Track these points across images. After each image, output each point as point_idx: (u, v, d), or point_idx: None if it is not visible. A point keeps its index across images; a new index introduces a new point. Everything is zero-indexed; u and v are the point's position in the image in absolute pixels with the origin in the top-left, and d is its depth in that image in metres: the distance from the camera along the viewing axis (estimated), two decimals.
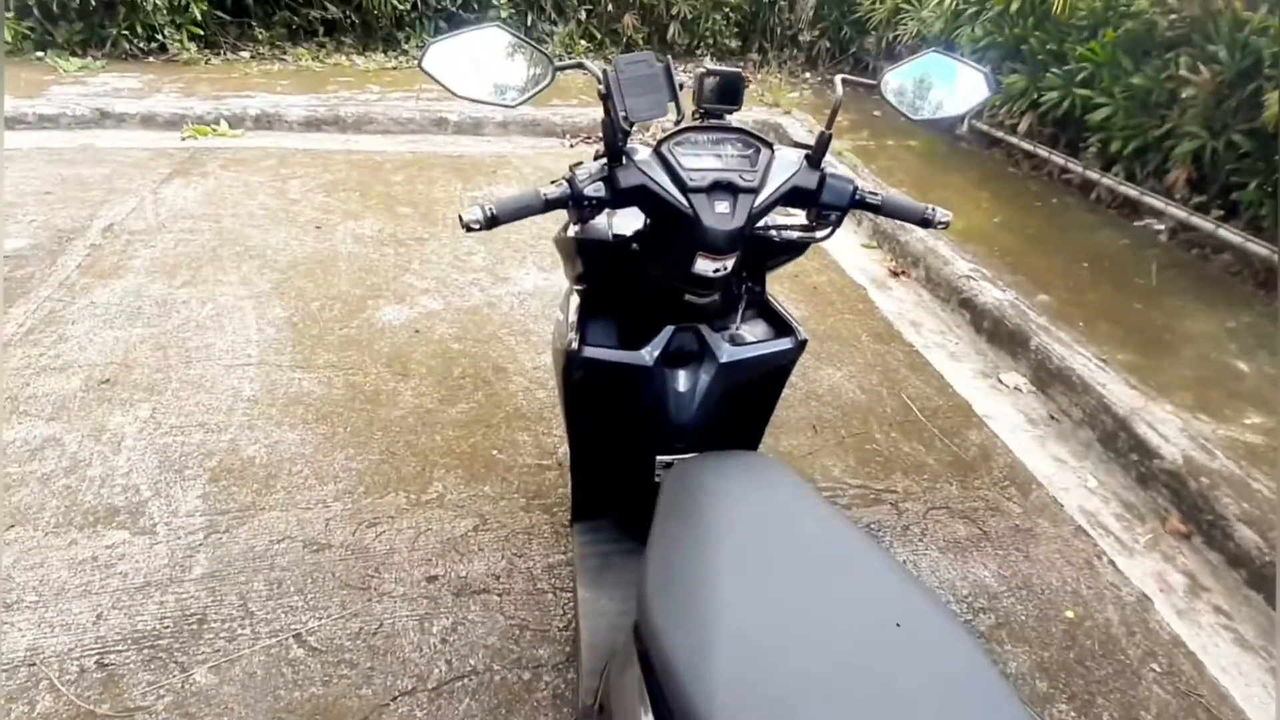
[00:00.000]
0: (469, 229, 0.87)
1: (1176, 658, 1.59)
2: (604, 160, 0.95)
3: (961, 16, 4.72)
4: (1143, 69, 3.66)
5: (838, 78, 0.98)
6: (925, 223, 1.03)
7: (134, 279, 2.55)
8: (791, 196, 0.98)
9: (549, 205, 0.93)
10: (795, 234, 1.06)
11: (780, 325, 1.16)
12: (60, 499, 1.65)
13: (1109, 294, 2.95)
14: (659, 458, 1.18)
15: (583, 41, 5.86)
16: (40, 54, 4.67)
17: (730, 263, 0.96)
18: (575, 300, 1.15)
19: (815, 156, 0.99)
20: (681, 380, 1.13)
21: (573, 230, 1.08)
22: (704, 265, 0.95)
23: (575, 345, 1.05)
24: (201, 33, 4.98)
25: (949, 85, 1.02)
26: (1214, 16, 3.32)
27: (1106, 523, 2.01)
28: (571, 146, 4.44)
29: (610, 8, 5.85)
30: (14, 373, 2.03)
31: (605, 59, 5.90)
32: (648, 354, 1.08)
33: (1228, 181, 3.37)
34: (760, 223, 0.99)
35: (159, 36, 4.85)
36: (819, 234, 1.05)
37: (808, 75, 6.27)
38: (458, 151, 4.10)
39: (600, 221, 1.08)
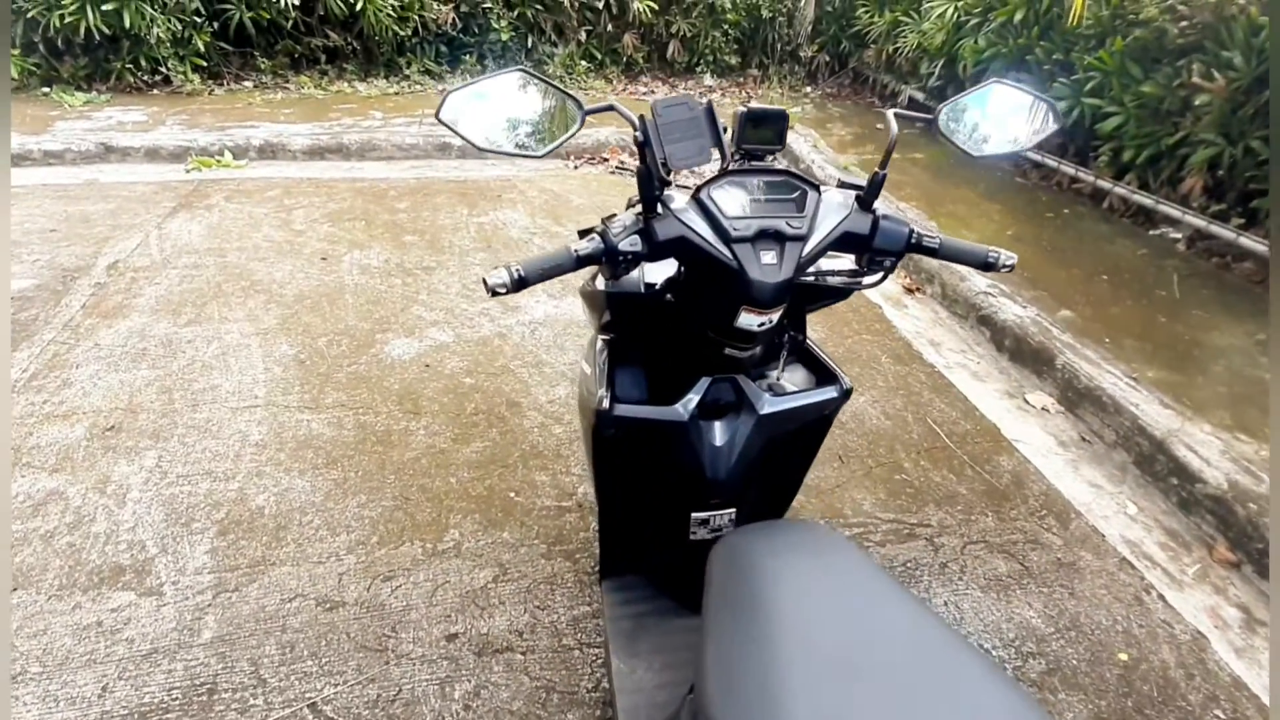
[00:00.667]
0: (494, 293, 0.80)
1: (1240, 702, 1.50)
2: (638, 210, 0.88)
3: (964, 28, 4.70)
4: (1153, 77, 3.62)
5: (890, 112, 0.92)
6: (988, 266, 0.96)
7: (139, 318, 2.50)
8: (842, 242, 0.92)
9: (581, 262, 0.86)
10: (844, 280, 0.99)
11: (822, 372, 1.09)
12: (63, 558, 1.58)
13: (1132, 307, 2.88)
14: (694, 514, 1.11)
15: (583, 62, 5.86)
16: (46, 89, 4.68)
17: (776, 315, 0.90)
18: (602, 351, 1.08)
19: (867, 198, 0.93)
20: (718, 433, 1.06)
21: (602, 283, 1.02)
22: (748, 319, 0.88)
23: (606, 404, 0.98)
24: (205, 64, 4.98)
25: (1012, 118, 0.95)
26: (1227, 23, 3.28)
27: (1151, 553, 1.93)
28: (576, 169, 4.41)
29: (610, 28, 5.85)
30: (17, 421, 1.98)
31: (606, 79, 5.89)
32: (683, 408, 1.02)
33: (1246, 189, 3.31)
34: (807, 270, 0.93)
35: (163, 69, 4.86)
36: (869, 279, 0.98)
37: (808, 90, 6.26)
38: (462, 176, 4.07)
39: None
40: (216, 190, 3.63)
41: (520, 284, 0.81)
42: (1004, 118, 0.95)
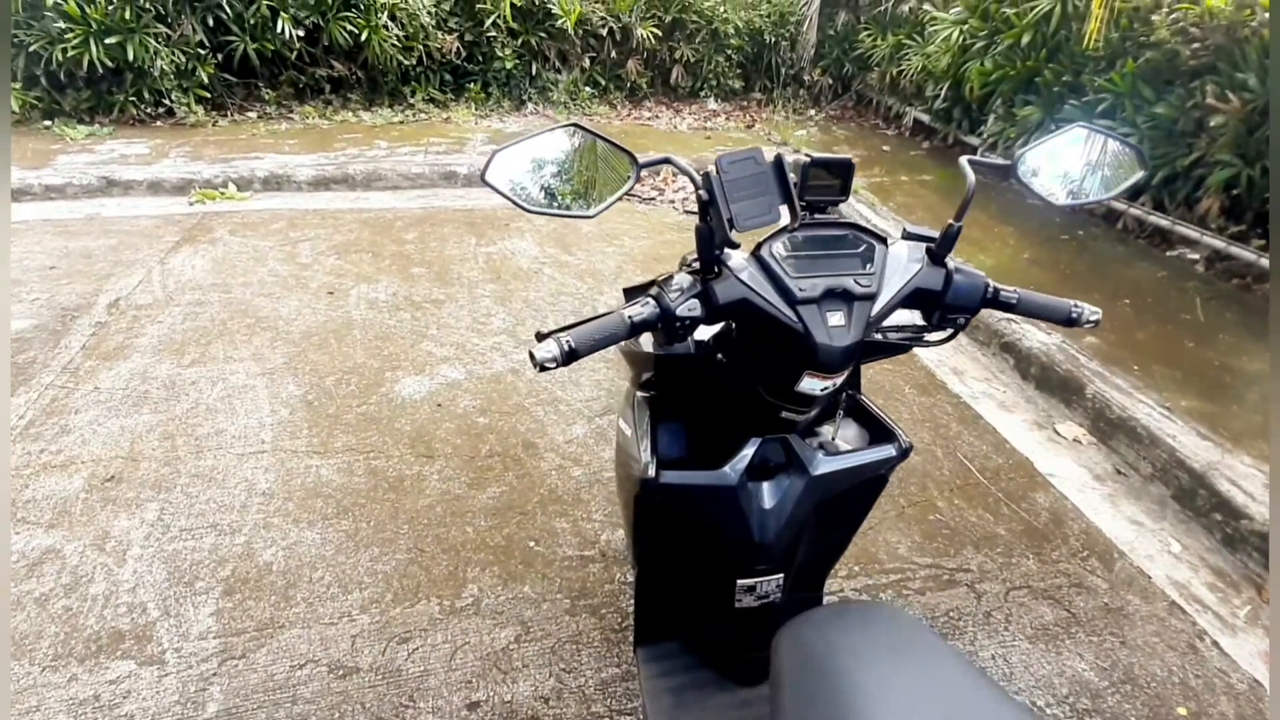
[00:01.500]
0: (543, 369, 0.73)
1: None
2: (694, 270, 0.81)
3: (970, 51, 4.69)
4: (1166, 98, 3.60)
5: (964, 159, 0.85)
6: (1070, 322, 0.89)
7: (140, 359, 2.43)
8: (913, 299, 0.85)
9: (636, 330, 0.79)
10: (908, 336, 0.92)
11: (877, 429, 1.02)
12: (59, 624, 1.49)
13: (1158, 332, 2.81)
14: (740, 581, 1.03)
15: (587, 88, 5.86)
16: (48, 123, 4.65)
17: (840, 379, 0.82)
18: (643, 411, 1.00)
19: (939, 251, 0.86)
20: (767, 495, 0.98)
21: (649, 343, 0.95)
22: (810, 384, 0.81)
23: (652, 472, 0.90)
24: (208, 95, 4.96)
25: (1096, 164, 0.89)
26: (1240, 44, 3.26)
27: (1200, 595, 1.84)
28: None
29: (614, 55, 5.85)
30: (13, 473, 1.89)
31: (610, 104, 5.88)
32: (732, 471, 0.94)
33: (1264, 209, 3.27)
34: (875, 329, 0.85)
35: (166, 101, 4.84)
36: (935, 336, 0.91)
37: (812, 113, 6.25)
38: (469, 205, 4.02)
39: None
40: (220, 223, 3.58)
41: (571, 356, 0.74)
42: (1087, 163, 0.89)
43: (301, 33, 4.88)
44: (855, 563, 1.80)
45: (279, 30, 4.78)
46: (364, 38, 4.99)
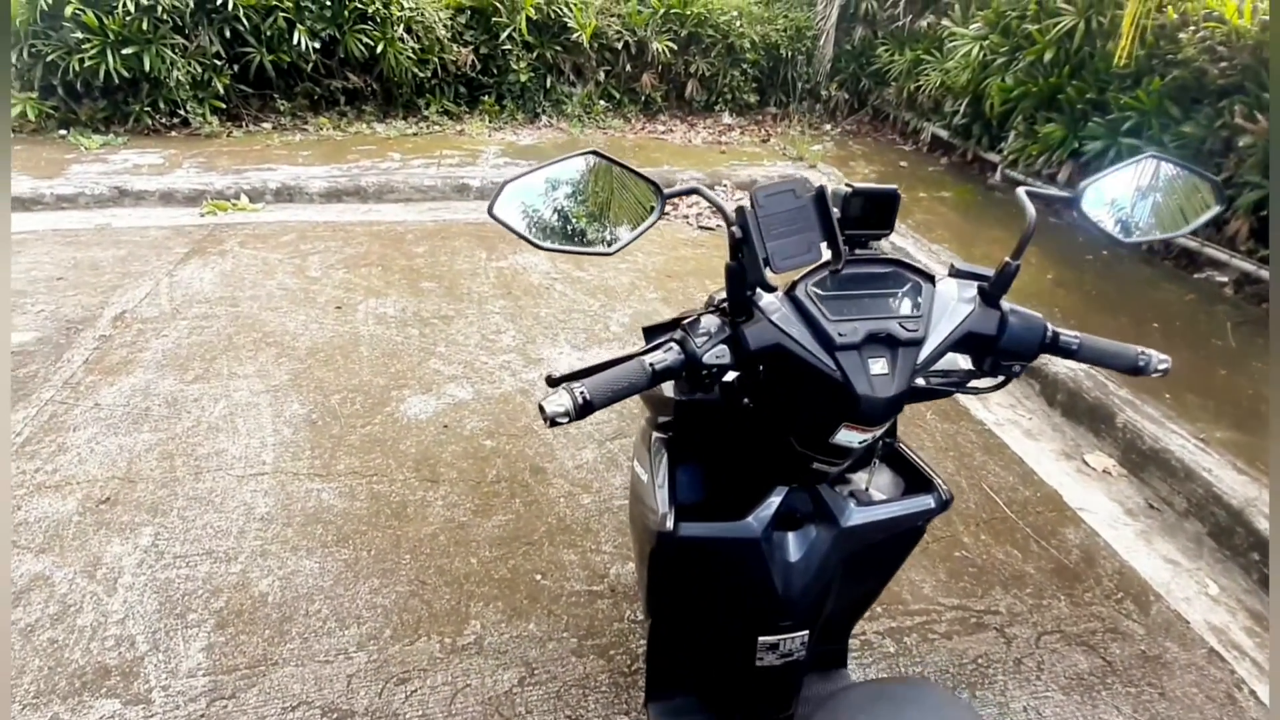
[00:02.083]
0: (554, 424, 0.66)
1: None
2: (720, 305, 0.74)
3: (990, 67, 4.62)
4: (1193, 117, 3.51)
5: (1021, 190, 0.78)
6: (1136, 371, 0.82)
7: (143, 375, 2.38)
8: (963, 343, 0.77)
9: (658, 378, 0.71)
10: (954, 382, 0.84)
11: (914, 478, 0.94)
12: (43, 658, 1.43)
13: (1189, 359, 2.71)
14: (762, 638, 0.95)
15: (601, 102, 5.83)
16: (63, 132, 4.67)
17: (880, 431, 0.75)
18: (659, 453, 0.93)
19: (993, 292, 0.78)
20: (793, 547, 0.91)
21: (670, 388, 0.88)
22: (848, 436, 0.73)
23: (670, 525, 0.83)
24: (224, 105, 4.97)
25: (1167, 197, 0.81)
26: (1268, 64, 3.17)
27: (1239, 641, 1.73)
28: None
29: (629, 68, 5.83)
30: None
31: (624, 118, 5.85)
32: (755, 521, 0.86)
33: None
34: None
35: (181, 111, 4.85)
36: (985, 383, 0.84)
37: (828, 127, 6.20)
38: (480, 219, 3.97)
39: None
40: (231, 235, 3.55)
41: (585, 410, 0.67)
42: (1158, 197, 0.81)
43: (318, 44, 4.89)
44: (879, 603, 1.71)
45: (295, 42, 4.79)
46: (379, 50, 5.00)
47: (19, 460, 1.96)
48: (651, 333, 0.83)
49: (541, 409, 0.66)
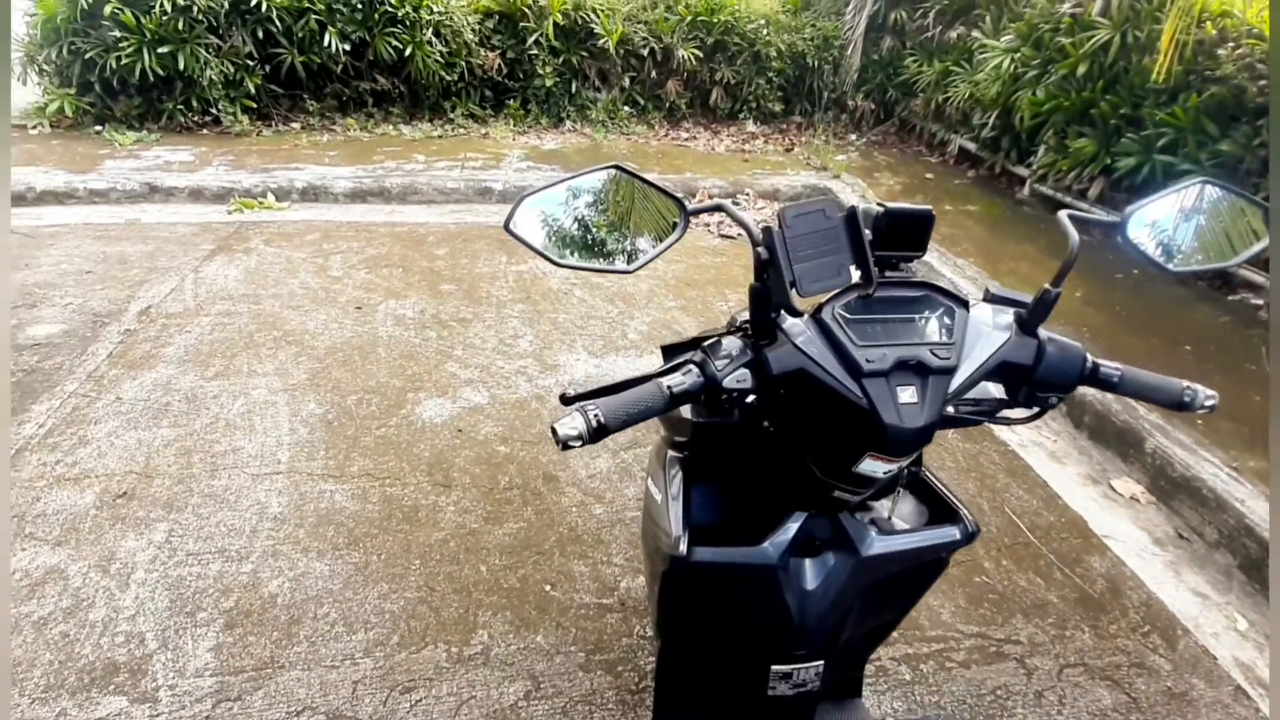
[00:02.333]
0: (566, 447, 0.64)
1: None
2: (745, 333, 0.71)
3: (1021, 80, 4.55)
4: (1231, 135, 3.42)
5: (1063, 214, 0.75)
6: (1181, 406, 0.78)
7: (165, 369, 2.41)
8: (998, 372, 0.74)
9: (675, 401, 0.69)
10: (984, 410, 0.81)
11: (939, 507, 0.90)
12: (54, 652, 1.44)
13: (1222, 384, 2.61)
14: (775, 667, 0.92)
15: (625, 107, 5.84)
16: (99, 128, 4.77)
17: (906, 462, 0.72)
18: (674, 473, 0.90)
19: (1031, 320, 0.75)
20: (810, 575, 0.88)
21: (688, 409, 0.85)
22: (873, 466, 0.71)
23: (683, 549, 0.80)
24: (254, 105, 5.05)
25: (1214, 223, 0.77)
26: None
27: (1265, 678, 1.66)
28: None
29: (654, 74, 5.83)
30: (26, 485, 1.87)
31: (648, 124, 5.85)
32: (772, 548, 0.84)
33: None
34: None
35: (213, 109, 4.94)
36: (1018, 414, 0.80)
37: (853, 137, 6.14)
38: (502, 221, 3.99)
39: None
40: (256, 233, 3.59)
41: (599, 433, 0.64)
42: (1205, 223, 0.77)
43: (348, 46, 4.95)
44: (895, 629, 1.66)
45: (326, 44, 4.86)
46: (408, 53, 5.05)
47: (41, 452, 1.99)
48: (670, 352, 0.81)
49: (554, 431, 0.64)
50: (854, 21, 6.11)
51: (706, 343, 0.72)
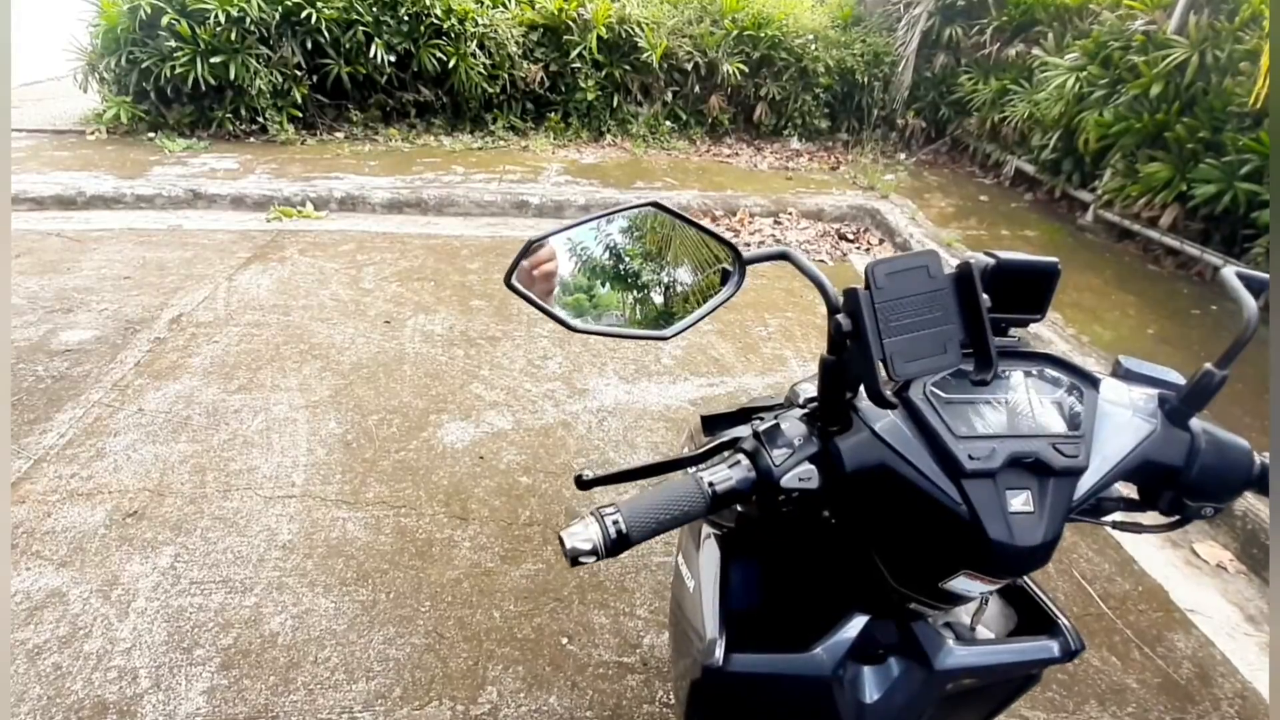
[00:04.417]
0: (576, 563, 0.51)
1: None
2: (809, 415, 0.57)
3: (1086, 100, 4.30)
4: None
5: (1228, 271, 0.60)
6: None
7: (189, 381, 2.36)
8: (1138, 472, 0.59)
9: (718, 503, 0.55)
10: (1118, 520, 0.65)
11: (1030, 611, 0.75)
12: (44, 685, 1.36)
13: None
14: None
15: (667, 122, 5.74)
16: (151, 135, 4.88)
17: (1005, 583, 0.57)
18: (711, 555, 0.77)
19: (1183, 407, 0.59)
20: (869, 686, 0.73)
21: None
22: (967, 585, 0.56)
23: (719, 656, 0.66)
24: (300, 114, 5.11)
25: None
26: None
27: None
28: None
29: (697, 89, 5.73)
30: (39, 498, 1.82)
31: (690, 139, 5.74)
32: (826, 654, 0.69)
33: None
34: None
35: (261, 118, 5.01)
36: (1155, 521, 0.65)
37: (902, 156, 5.93)
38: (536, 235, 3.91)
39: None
40: (292, 242, 3.58)
41: (618, 545, 0.51)
42: None
43: (393, 58, 4.97)
44: None
45: (372, 55, 4.89)
46: (452, 65, 5.05)
47: (58, 464, 1.95)
48: (712, 424, 0.67)
49: (561, 541, 0.51)
50: (906, 37, 5.92)
51: (762, 427, 0.57)
